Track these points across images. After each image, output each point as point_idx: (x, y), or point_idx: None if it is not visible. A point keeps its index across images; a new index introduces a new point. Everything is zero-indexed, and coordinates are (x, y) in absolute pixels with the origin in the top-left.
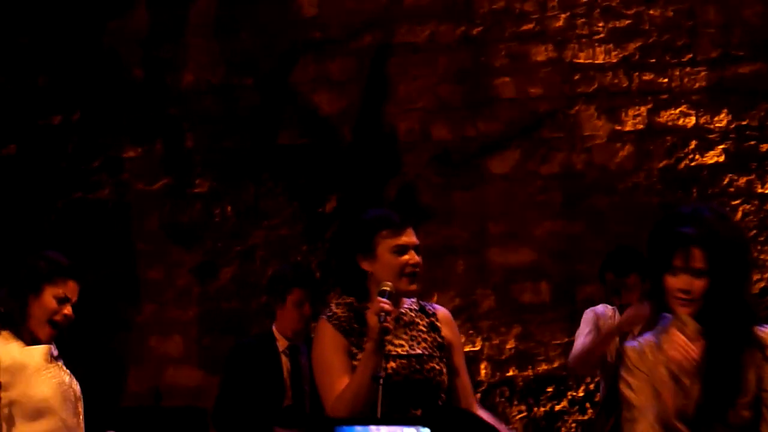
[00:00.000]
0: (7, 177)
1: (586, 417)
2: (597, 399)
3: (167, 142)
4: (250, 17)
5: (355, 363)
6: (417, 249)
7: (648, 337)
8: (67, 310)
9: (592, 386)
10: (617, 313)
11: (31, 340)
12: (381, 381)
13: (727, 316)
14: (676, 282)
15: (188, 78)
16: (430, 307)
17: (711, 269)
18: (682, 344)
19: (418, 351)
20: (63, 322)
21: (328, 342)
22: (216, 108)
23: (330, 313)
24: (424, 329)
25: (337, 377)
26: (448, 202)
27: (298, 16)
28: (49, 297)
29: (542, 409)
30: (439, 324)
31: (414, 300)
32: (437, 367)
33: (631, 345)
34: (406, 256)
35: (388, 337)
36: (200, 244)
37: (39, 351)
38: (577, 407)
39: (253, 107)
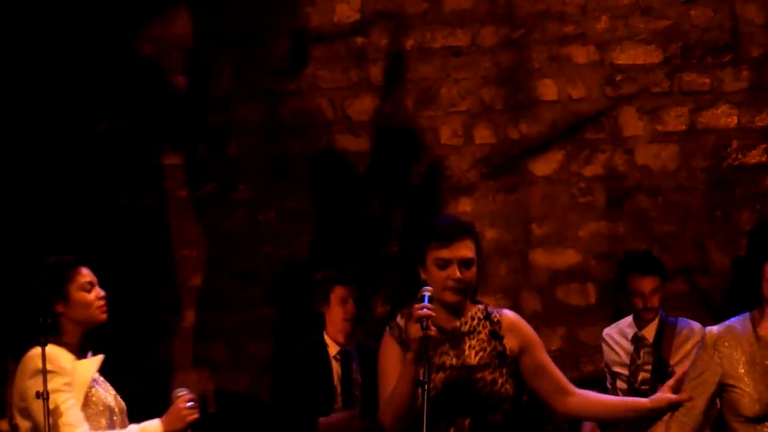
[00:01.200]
0: (51, 183)
1: None
2: None
3: (210, 148)
4: (290, 22)
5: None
6: (465, 262)
7: (738, 323)
8: (98, 292)
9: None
10: (633, 325)
11: (75, 346)
12: (426, 387)
13: None
14: None
15: (229, 84)
16: (497, 314)
17: None
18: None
19: (473, 362)
20: (103, 304)
21: (387, 353)
22: (258, 113)
23: (392, 325)
24: (485, 338)
25: (388, 389)
26: (491, 204)
27: (340, 20)
28: (77, 294)
29: None
30: (502, 332)
31: (482, 306)
32: (489, 377)
33: (710, 329)
34: (448, 271)
35: (443, 348)
36: (244, 250)
37: (88, 368)
38: None
39: (294, 112)
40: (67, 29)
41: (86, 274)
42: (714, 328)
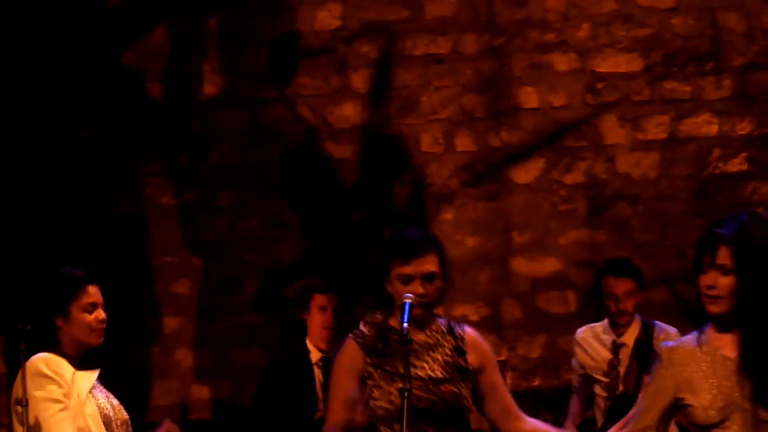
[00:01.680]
0: (31, 191)
1: None
2: None
3: (191, 155)
4: (272, 29)
5: (370, 382)
6: (427, 277)
7: (689, 337)
8: (99, 314)
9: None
10: (609, 331)
11: (74, 359)
12: (407, 394)
13: (759, 315)
14: (703, 279)
15: (211, 91)
16: (459, 330)
17: (739, 268)
18: None
19: (438, 375)
20: (101, 328)
21: (345, 361)
22: (240, 121)
23: (356, 331)
24: (449, 353)
25: (335, 403)
26: (472, 212)
27: (322, 27)
28: (78, 313)
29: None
30: (465, 348)
31: (445, 321)
32: (455, 390)
33: (666, 344)
34: (410, 286)
35: (411, 359)
36: (225, 257)
37: (86, 381)
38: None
39: (275, 120)
40: (48, 37)
41: (92, 294)
42: (669, 343)
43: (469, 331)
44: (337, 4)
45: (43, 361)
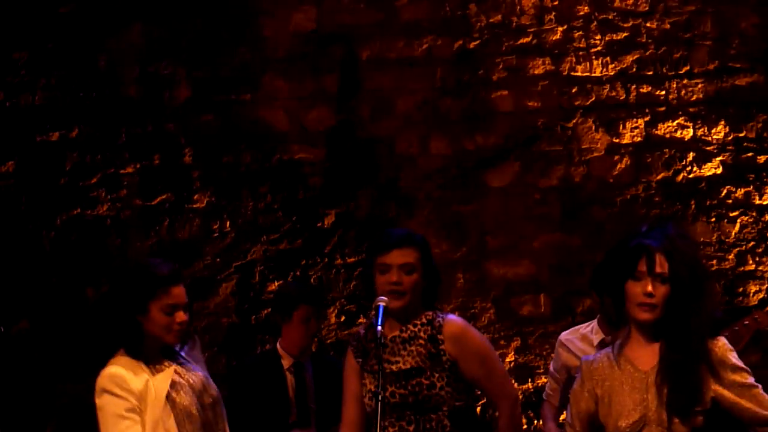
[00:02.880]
0: (5, 194)
1: None
2: None
3: (165, 158)
4: (247, 31)
5: (363, 381)
6: (404, 267)
7: (606, 351)
8: (179, 317)
9: None
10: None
11: (151, 356)
12: (380, 397)
13: (685, 326)
14: (639, 286)
15: (185, 93)
16: (440, 319)
17: (672, 277)
18: None
19: (406, 367)
20: (180, 329)
21: (347, 368)
22: (214, 123)
23: (354, 333)
24: (423, 342)
25: (345, 404)
26: (446, 215)
27: (296, 30)
28: (156, 313)
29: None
30: (441, 337)
31: (432, 312)
32: (426, 381)
33: (586, 359)
34: (386, 275)
35: (385, 356)
36: (199, 259)
37: (161, 383)
38: None
39: (250, 122)
40: (21, 38)
41: (175, 296)
42: (588, 357)
43: (451, 320)
44: (311, 7)
45: (108, 377)
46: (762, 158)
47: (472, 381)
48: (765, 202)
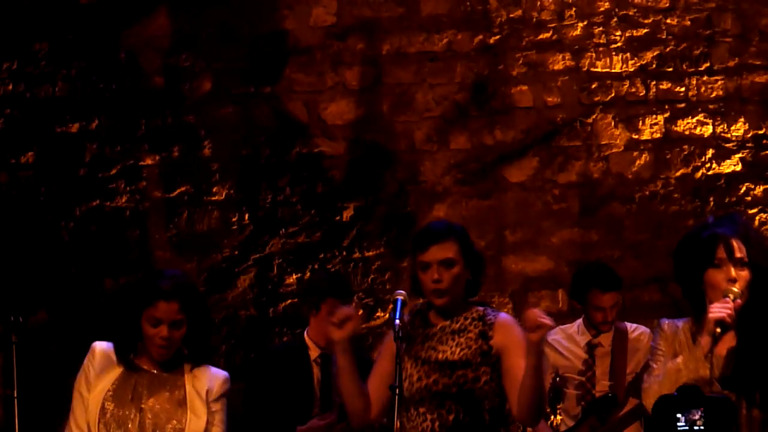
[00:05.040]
0: (24, 185)
1: None
2: None
3: (185, 150)
4: (268, 25)
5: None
6: (444, 263)
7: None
8: (162, 332)
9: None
10: (585, 331)
11: (150, 359)
12: (397, 391)
13: (765, 308)
14: (721, 273)
15: (206, 86)
16: (492, 317)
17: (751, 261)
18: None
19: (454, 358)
20: (161, 344)
21: (384, 347)
22: (234, 116)
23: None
24: (474, 336)
25: (371, 380)
26: (465, 210)
27: (316, 24)
28: (145, 322)
29: (560, 417)
30: (491, 333)
31: (482, 309)
32: (471, 374)
33: (667, 322)
34: (428, 273)
35: (431, 342)
36: (217, 251)
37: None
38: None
39: (269, 115)
40: (42, 28)
41: (162, 311)
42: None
43: (501, 316)
44: (332, 0)
45: (91, 350)
46: None
47: (505, 374)
48: None
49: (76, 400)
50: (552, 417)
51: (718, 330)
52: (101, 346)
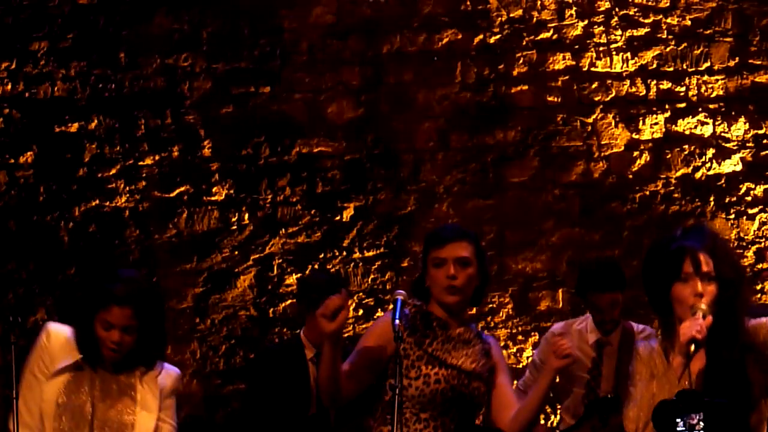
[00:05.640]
0: (23, 185)
1: None
2: None
3: (184, 150)
4: (268, 24)
5: (406, 361)
6: (460, 261)
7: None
8: (113, 336)
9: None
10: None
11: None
12: (397, 391)
13: (734, 323)
14: (688, 288)
15: (206, 85)
16: (485, 337)
17: (718, 276)
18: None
19: (470, 368)
20: (111, 347)
21: (382, 329)
22: (234, 116)
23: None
24: (479, 351)
25: (355, 362)
26: (465, 209)
27: (317, 23)
28: (98, 324)
29: (560, 416)
30: (492, 351)
31: (474, 325)
32: (483, 388)
33: (642, 345)
34: (442, 269)
35: (448, 346)
36: (217, 251)
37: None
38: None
39: (269, 115)
40: (41, 28)
41: (115, 315)
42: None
43: (491, 338)
44: (332, 0)
45: (46, 331)
46: None
47: (501, 389)
48: None
49: (28, 381)
50: (552, 417)
51: (692, 348)
52: (56, 329)
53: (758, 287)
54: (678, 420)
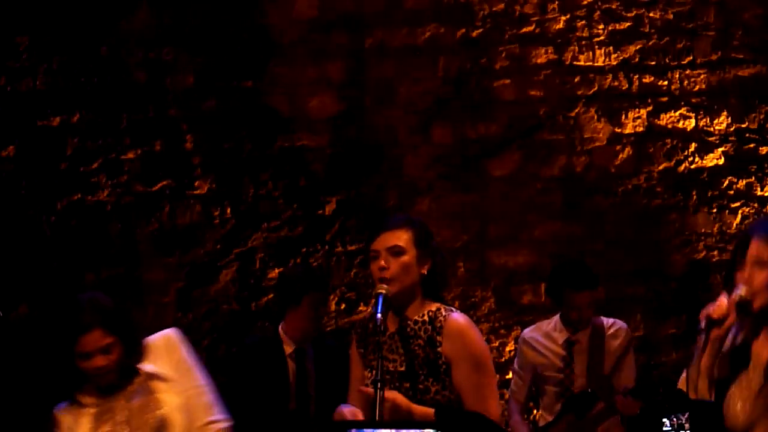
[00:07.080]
0: (5, 179)
1: None
2: None
3: (167, 143)
4: (250, 18)
5: (367, 373)
6: (392, 250)
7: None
8: (97, 362)
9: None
10: (562, 328)
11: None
12: (380, 385)
13: None
14: (743, 274)
15: (188, 80)
16: (442, 318)
17: None
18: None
19: (404, 368)
20: (101, 373)
21: (352, 355)
22: (216, 110)
23: (357, 323)
24: (422, 344)
25: (350, 391)
26: (448, 204)
27: (299, 17)
28: (78, 360)
29: (539, 412)
30: (440, 338)
31: (435, 308)
32: (420, 386)
33: None
34: (376, 262)
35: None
36: (199, 245)
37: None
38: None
39: (252, 109)
40: (24, 21)
41: (83, 344)
42: None
43: (452, 319)
44: None
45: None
46: (764, 149)
47: (458, 388)
48: (766, 194)
49: None
50: (534, 411)
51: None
52: (59, 410)
53: None
54: (665, 420)
